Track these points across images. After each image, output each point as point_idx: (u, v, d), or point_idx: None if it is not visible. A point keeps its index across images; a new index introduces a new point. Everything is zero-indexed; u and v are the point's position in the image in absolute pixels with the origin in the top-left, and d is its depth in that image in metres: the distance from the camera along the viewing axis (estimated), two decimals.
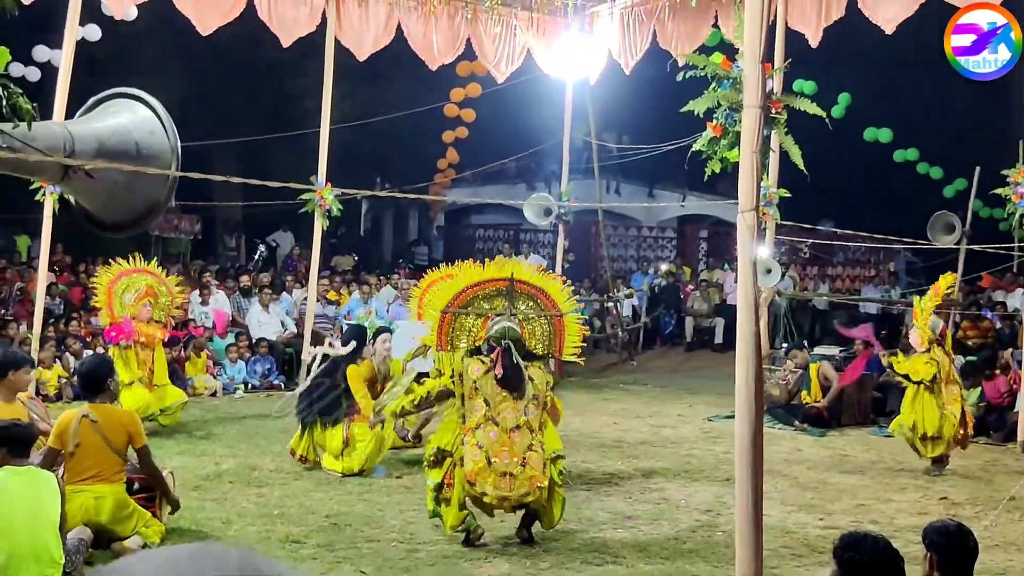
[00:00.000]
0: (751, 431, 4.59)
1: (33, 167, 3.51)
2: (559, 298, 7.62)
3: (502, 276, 7.53)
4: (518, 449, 6.96)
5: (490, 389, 7.07)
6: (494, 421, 7.02)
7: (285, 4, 12.85)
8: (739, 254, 4.69)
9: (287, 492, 8.45)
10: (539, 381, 7.19)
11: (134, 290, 11.04)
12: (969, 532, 4.28)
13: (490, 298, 7.53)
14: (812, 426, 12.08)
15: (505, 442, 6.97)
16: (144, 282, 11.16)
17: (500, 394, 7.06)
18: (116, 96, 4.03)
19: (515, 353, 7.11)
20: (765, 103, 4.65)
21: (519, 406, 7.05)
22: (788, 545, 7.25)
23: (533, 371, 7.22)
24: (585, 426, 11.99)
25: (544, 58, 15.09)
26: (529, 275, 7.68)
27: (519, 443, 6.98)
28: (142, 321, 10.89)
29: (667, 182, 26.41)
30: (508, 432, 6.99)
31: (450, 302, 7.49)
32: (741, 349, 4.65)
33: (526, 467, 6.93)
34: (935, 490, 9.18)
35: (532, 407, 7.09)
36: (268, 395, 13.86)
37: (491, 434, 6.99)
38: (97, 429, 6.59)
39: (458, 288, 7.55)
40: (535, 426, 7.08)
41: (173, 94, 16.13)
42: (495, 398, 7.06)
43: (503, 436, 6.98)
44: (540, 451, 7.02)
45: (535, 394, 7.13)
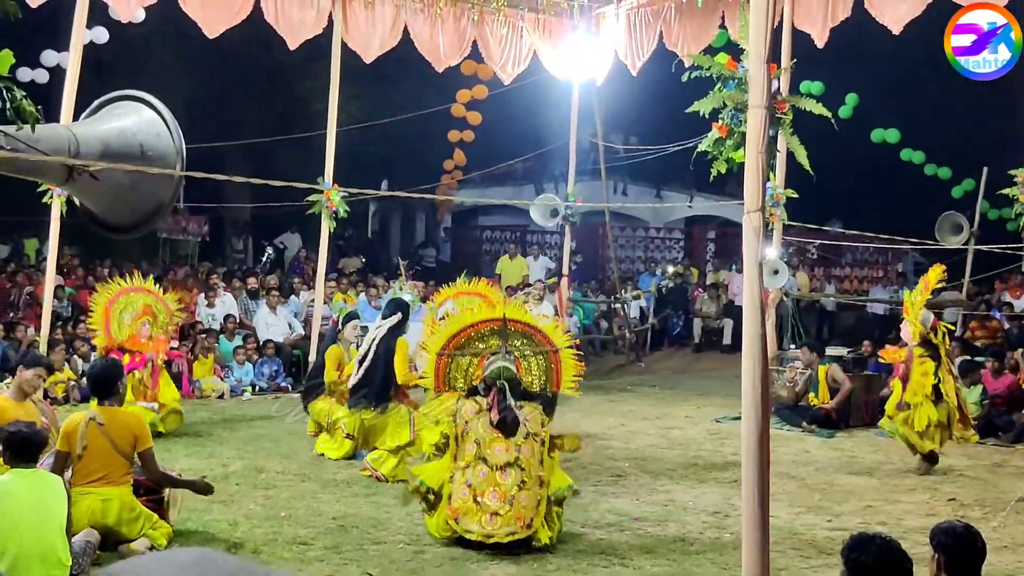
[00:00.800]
0: (758, 432, 4.58)
1: (37, 169, 3.51)
2: (553, 335, 7.76)
3: (495, 316, 7.65)
4: (506, 488, 6.97)
5: (482, 429, 7.13)
6: (484, 460, 7.06)
7: (292, 6, 12.87)
8: (745, 255, 4.68)
9: (294, 494, 8.45)
10: (533, 421, 7.18)
11: (132, 310, 10.94)
12: (977, 533, 4.26)
13: (484, 338, 7.64)
14: (820, 427, 12.05)
15: (492, 480, 6.99)
16: (142, 301, 11.04)
17: (491, 434, 7.11)
18: (121, 99, 4.04)
19: (508, 394, 7.18)
20: (770, 103, 4.63)
21: (510, 444, 7.07)
22: (796, 547, 7.23)
23: (528, 410, 7.24)
24: (593, 427, 11.97)
25: (550, 59, 15.08)
26: (521, 314, 7.80)
27: (508, 482, 6.99)
28: (141, 339, 10.82)
29: (674, 183, 26.42)
30: (497, 470, 7.00)
31: (445, 345, 7.61)
32: (747, 350, 4.64)
33: (514, 506, 6.93)
34: (943, 491, 9.15)
35: (526, 445, 7.09)
36: (275, 397, 13.87)
37: (480, 473, 7.04)
38: (104, 432, 6.60)
39: (453, 330, 7.68)
40: (527, 464, 7.05)
41: (180, 96, 16.17)
42: (486, 437, 7.11)
43: (491, 475, 7.01)
44: (533, 489, 7.00)
45: (529, 432, 7.14)
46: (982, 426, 11.90)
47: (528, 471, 7.04)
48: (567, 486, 7.29)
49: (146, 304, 11.02)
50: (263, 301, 16.20)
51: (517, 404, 7.19)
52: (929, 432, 9.82)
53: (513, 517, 6.91)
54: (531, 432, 7.13)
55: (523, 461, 7.04)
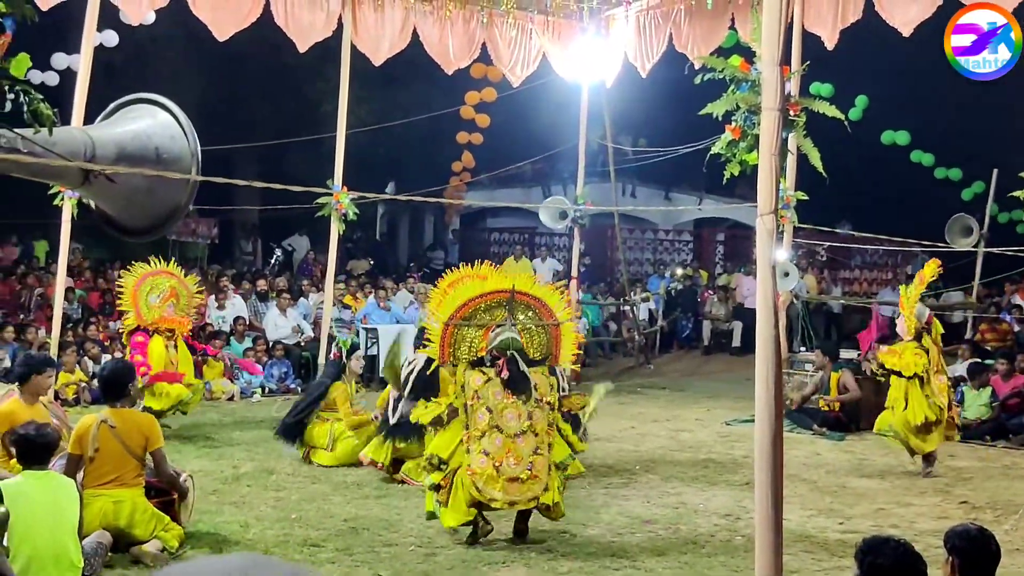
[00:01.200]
0: (771, 434, 4.56)
1: (55, 172, 3.52)
2: (557, 307, 7.78)
3: (503, 288, 7.64)
4: (523, 454, 7.12)
5: (492, 397, 7.23)
6: (498, 428, 7.17)
7: (301, 9, 12.88)
8: (758, 258, 4.67)
9: (305, 496, 8.46)
10: (543, 386, 7.34)
11: (158, 292, 11.33)
12: (991, 536, 4.25)
13: (491, 309, 7.64)
14: (830, 430, 12.02)
15: (511, 448, 7.12)
16: (167, 284, 11.48)
17: (503, 401, 7.21)
18: (136, 101, 4.04)
19: (520, 361, 7.28)
20: (784, 106, 4.63)
21: (523, 411, 7.20)
22: (808, 549, 7.21)
23: (537, 377, 7.36)
24: (603, 430, 11.95)
25: (560, 61, 15.07)
26: (529, 286, 7.81)
27: (524, 448, 7.14)
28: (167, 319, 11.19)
29: (684, 185, 26.38)
30: (512, 438, 7.13)
31: (453, 315, 7.59)
32: (761, 352, 4.63)
33: (533, 471, 7.10)
34: (955, 494, 9.13)
35: (538, 412, 7.24)
36: (285, 399, 13.86)
37: (496, 441, 7.14)
38: (116, 434, 6.62)
39: (461, 300, 7.66)
40: (540, 430, 7.22)
41: (190, 99, 16.15)
42: (498, 405, 7.21)
43: (508, 442, 7.13)
44: (546, 454, 7.19)
45: (539, 398, 7.29)
46: (992, 428, 11.88)
47: (541, 436, 7.21)
48: (568, 455, 7.49)
49: (171, 286, 11.47)
50: (272, 303, 16.23)
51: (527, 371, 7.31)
52: (925, 431, 9.80)
53: (534, 482, 7.10)
54: (541, 397, 7.29)
55: (536, 427, 7.20)
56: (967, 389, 12.18)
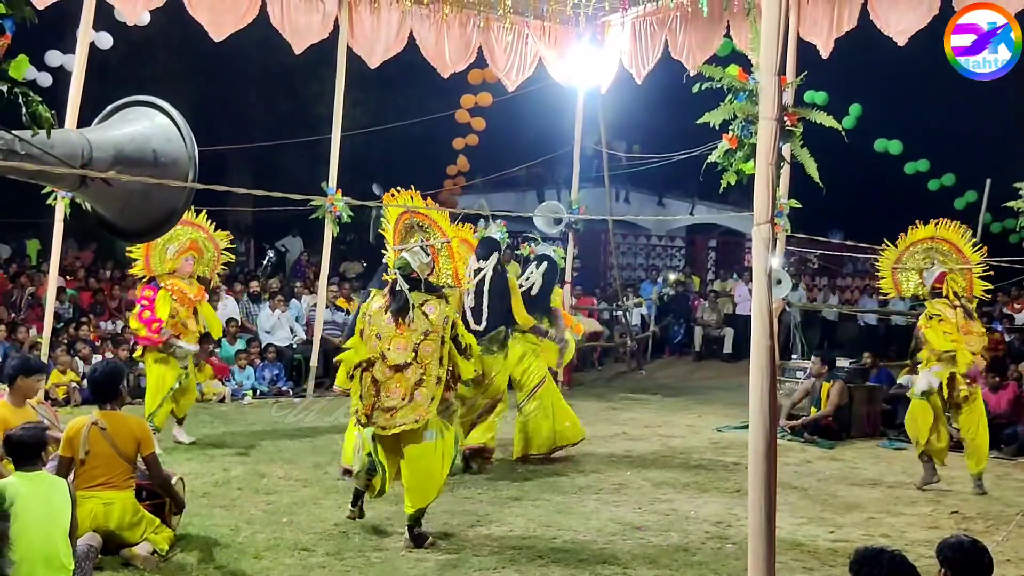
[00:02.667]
0: (765, 442, 4.56)
1: (51, 175, 3.51)
2: (445, 225, 7.77)
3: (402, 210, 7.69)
4: (407, 385, 7.10)
5: (383, 324, 7.22)
6: (383, 356, 7.15)
7: (298, 11, 12.88)
8: (754, 266, 4.66)
9: (296, 499, 8.44)
10: (435, 316, 7.19)
11: (176, 243, 10.45)
12: (984, 548, 4.25)
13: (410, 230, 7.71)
14: (821, 438, 12.04)
15: (393, 378, 7.11)
16: (188, 236, 10.54)
17: (392, 330, 7.18)
18: (133, 104, 4.04)
19: (405, 288, 7.21)
20: (781, 116, 4.63)
21: (409, 342, 7.13)
22: (798, 558, 7.22)
23: (432, 304, 7.25)
24: (594, 435, 11.95)
25: (555, 67, 15.09)
26: (421, 205, 7.76)
27: (408, 379, 7.10)
28: (182, 276, 10.46)
29: (677, 192, 26.42)
30: (397, 369, 7.10)
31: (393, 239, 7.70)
32: (755, 360, 4.62)
33: (411, 402, 7.08)
34: (946, 504, 9.14)
35: (427, 343, 7.14)
36: (276, 401, 13.85)
37: (384, 371, 7.15)
38: (106, 436, 6.60)
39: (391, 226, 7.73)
40: (428, 361, 7.12)
41: (185, 100, 16.15)
42: (387, 332, 7.19)
43: (392, 373, 7.12)
44: (431, 386, 7.10)
45: (428, 329, 7.17)
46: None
47: (427, 369, 7.11)
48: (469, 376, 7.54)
49: (193, 239, 10.60)
50: (265, 304, 16.20)
51: (423, 299, 7.23)
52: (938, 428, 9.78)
53: (409, 411, 7.08)
54: (431, 329, 7.16)
55: (421, 357, 7.11)
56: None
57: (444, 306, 7.29)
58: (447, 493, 8.73)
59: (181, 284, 10.42)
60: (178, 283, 10.40)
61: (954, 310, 9.82)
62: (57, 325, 13.35)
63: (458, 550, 7.17)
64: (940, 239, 10.12)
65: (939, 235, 10.16)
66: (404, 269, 7.30)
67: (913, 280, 10.24)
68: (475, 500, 8.64)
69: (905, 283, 10.31)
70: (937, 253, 10.13)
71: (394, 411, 7.11)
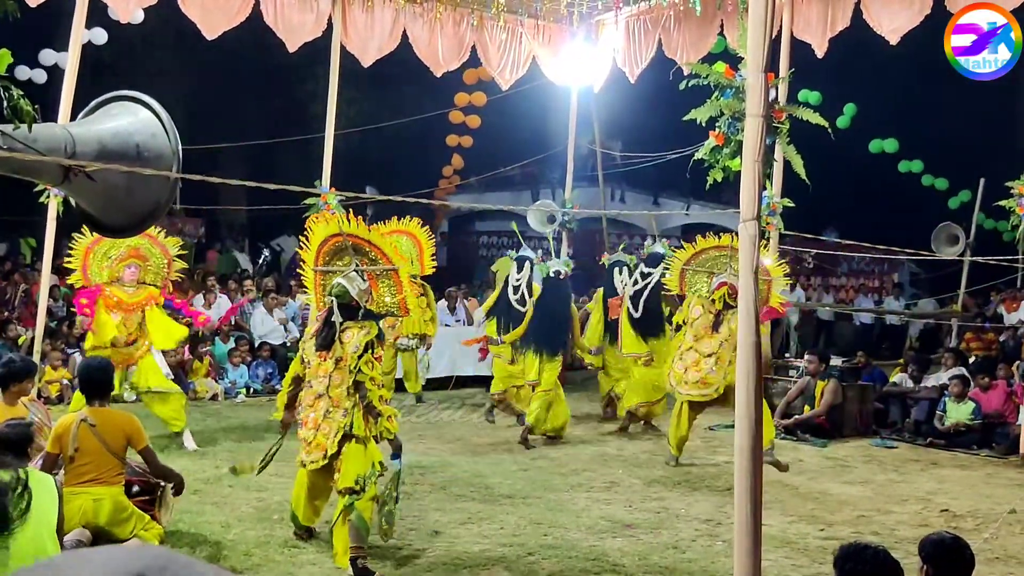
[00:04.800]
0: (751, 441, 4.57)
1: (34, 169, 3.51)
2: (390, 252, 7.22)
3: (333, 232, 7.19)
4: (318, 416, 6.79)
5: (310, 351, 6.94)
6: (311, 384, 6.90)
7: (291, 9, 12.85)
8: (740, 264, 4.67)
9: (287, 496, 8.40)
10: (349, 343, 6.76)
11: (116, 252, 10.23)
12: (965, 545, 4.27)
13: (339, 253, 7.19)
14: (814, 436, 12.06)
15: (313, 407, 6.83)
16: (127, 244, 10.15)
17: (317, 358, 6.87)
18: (117, 99, 4.03)
19: (336, 312, 6.83)
20: (768, 112, 4.63)
21: (325, 371, 6.80)
22: (788, 555, 7.23)
23: (351, 331, 6.80)
24: (586, 434, 11.99)
25: (549, 66, 15.08)
26: (363, 231, 7.23)
27: (320, 410, 6.78)
28: (125, 285, 10.24)
29: (672, 191, 26.42)
30: (316, 397, 6.82)
31: (316, 258, 7.27)
32: (742, 358, 4.63)
33: (316, 435, 6.77)
34: (936, 502, 9.15)
35: (336, 373, 6.75)
36: (270, 399, 13.82)
37: (308, 398, 6.89)
38: (96, 433, 6.60)
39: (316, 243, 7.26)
40: (335, 393, 6.74)
41: (178, 98, 16.18)
42: (313, 360, 6.90)
43: (311, 402, 6.85)
44: (337, 419, 6.69)
45: (339, 357, 6.76)
46: (979, 438, 11.90)
47: (334, 400, 6.74)
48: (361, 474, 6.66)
49: (133, 247, 10.26)
50: (259, 303, 16.20)
51: (342, 325, 6.79)
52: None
53: (315, 446, 6.77)
54: (340, 357, 6.75)
55: (330, 390, 6.75)
56: (949, 400, 12.21)
57: (361, 334, 6.76)
58: (439, 491, 8.76)
59: (118, 292, 10.25)
60: (115, 292, 10.24)
61: (707, 315, 10.31)
62: (50, 323, 13.33)
63: (449, 547, 7.18)
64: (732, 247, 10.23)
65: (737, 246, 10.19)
66: (342, 297, 6.85)
67: (701, 282, 10.59)
68: (466, 498, 8.65)
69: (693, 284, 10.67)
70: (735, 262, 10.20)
71: (307, 444, 6.84)
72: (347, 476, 6.64)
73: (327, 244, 7.22)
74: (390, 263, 7.14)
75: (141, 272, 10.42)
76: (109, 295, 10.22)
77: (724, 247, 10.48)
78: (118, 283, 10.29)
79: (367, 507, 6.66)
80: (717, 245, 10.59)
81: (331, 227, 7.28)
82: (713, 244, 10.63)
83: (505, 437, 11.60)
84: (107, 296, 10.21)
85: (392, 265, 7.13)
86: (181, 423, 10.42)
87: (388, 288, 7.17)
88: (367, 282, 7.04)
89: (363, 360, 6.72)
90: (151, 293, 10.45)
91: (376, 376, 6.84)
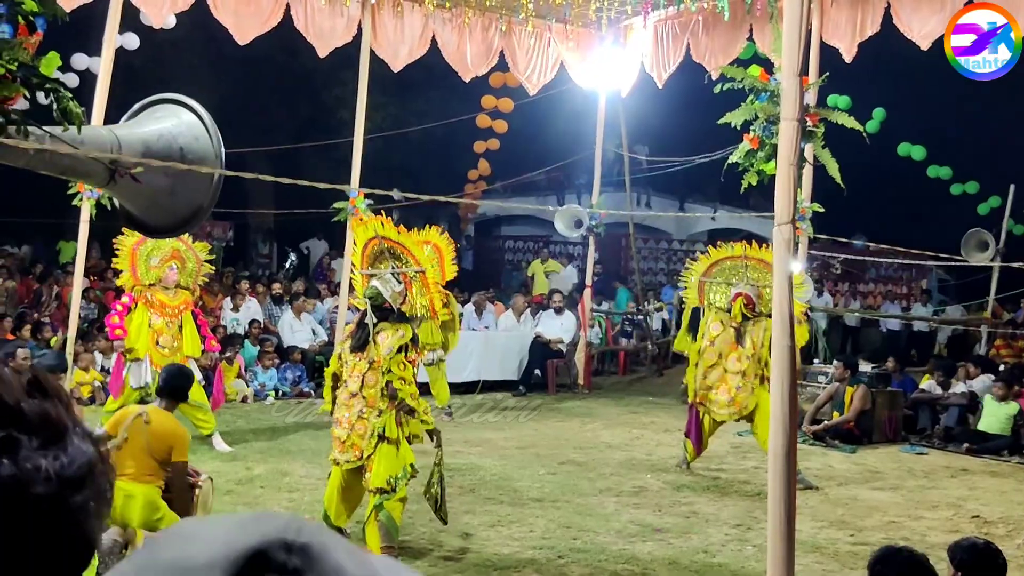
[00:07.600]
0: (785, 445, 4.57)
1: (81, 170, 3.57)
2: (419, 253, 7.27)
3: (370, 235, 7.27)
4: (352, 416, 6.88)
5: (347, 351, 7.04)
6: (346, 384, 6.98)
7: (322, 15, 12.94)
8: (775, 268, 4.67)
9: (318, 497, 8.44)
10: (383, 344, 6.84)
11: (159, 253, 10.53)
12: (998, 551, 4.25)
13: (378, 256, 7.26)
14: (843, 442, 12.01)
15: (348, 405, 6.92)
16: (170, 245, 10.52)
17: (353, 358, 6.97)
18: (161, 101, 4.09)
19: (370, 314, 6.93)
20: (803, 116, 4.64)
21: (360, 372, 6.88)
22: (819, 561, 7.22)
23: (386, 333, 6.89)
24: (614, 439, 12.00)
25: (577, 70, 15.11)
26: (393, 232, 7.26)
27: (354, 410, 6.88)
28: (167, 286, 10.53)
29: (698, 196, 26.39)
30: (351, 397, 6.91)
31: (361, 262, 7.34)
32: (776, 363, 4.64)
33: (350, 435, 6.86)
34: (967, 508, 9.11)
35: (370, 374, 6.85)
36: (299, 402, 13.91)
37: (343, 397, 6.98)
38: (146, 431, 6.60)
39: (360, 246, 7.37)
40: (368, 394, 6.84)
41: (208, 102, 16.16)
42: (349, 362, 7.00)
43: (346, 400, 6.94)
44: (370, 419, 6.82)
45: (372, 359, 6.86)
46: (1010, 443, 11.81)
47: (368, 400, 6.84)
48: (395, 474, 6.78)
49: (174, 248, 10.64)
50: (288, 306, 16.29)
51: (376, 327, 6.89)
52: None
53: (350, 445, 6.86)
54: (374, 359, 6.84)
55: (364, 390, 6.86)
56: (988, 399, 12.08)
57: (396, 336, 6.86)
58: (468, 493, 8.79)
59: (162, 297, 10.49)
60: (159, 296, 10.47)
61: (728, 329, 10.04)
62: (82, 325, 13.45)
63: (480, 549, 7.20)
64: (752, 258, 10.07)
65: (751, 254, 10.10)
66: (376, 299, 6.95)
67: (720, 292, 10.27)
68: (495, 500, 8.67)
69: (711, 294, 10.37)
70: (751, 271, 10.10)
71: (342, 443, 6.92)
72: (379, 476, 6.71)
73: (368, 247, 7.31)
74: (419, 265, 7.22)
75: (179, 273, 10.66)
76: (152, 299, 10.44)
77: (739, 256, 10.19)
78: (160, 285, 10.52)
79: (396, 507, 6.76)
80: (731, 255, 10.29)
81: (370, 231, 7.36)
82: (727, 254, 10.33)
83: (532, 441, 11.62)
84: (150, 300, 10.43)
85: (420, 267, 7.21)
86: (211, 426, 10.51)
87: (420, 290, 7.25)
88: (402, 284, 7.09)
89: (394, 361, 6.81)
90: (186, 299, 10.70)
91: (407, 376, 6.91)
